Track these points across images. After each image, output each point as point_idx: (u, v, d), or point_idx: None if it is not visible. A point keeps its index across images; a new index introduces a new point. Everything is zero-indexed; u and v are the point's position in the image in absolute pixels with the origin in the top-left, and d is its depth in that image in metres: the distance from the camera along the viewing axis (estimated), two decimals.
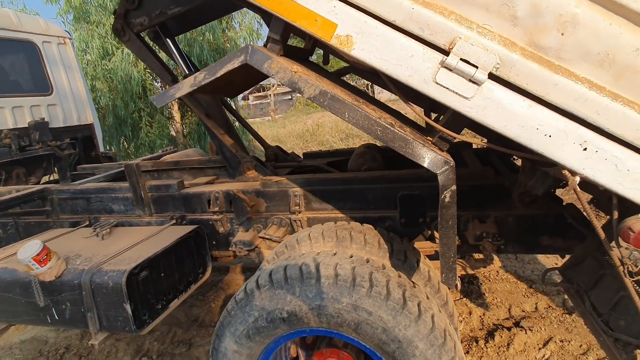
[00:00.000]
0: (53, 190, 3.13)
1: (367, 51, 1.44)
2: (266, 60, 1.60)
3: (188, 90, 1.75)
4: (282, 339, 1.76)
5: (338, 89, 1.72)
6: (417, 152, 1.48)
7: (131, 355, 3.02)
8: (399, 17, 1.39)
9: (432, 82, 1.38)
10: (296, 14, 1.51)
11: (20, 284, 2.26)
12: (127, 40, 2.92)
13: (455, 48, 1.32)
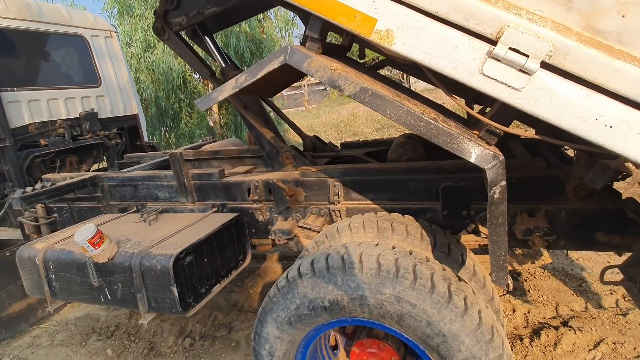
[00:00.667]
0: (103, 178, 3.31)
1: (409, 45, 1.39)
2: (305, 59, 1.60)
3: (230, 93, 1.77)
4: (323, 327, 1.78)
5: (378, 84, 1.69)
6: (463, 147, 1.43)
7: (175, 335, 3.16)
8: (442, 8, 1.33)
9: (479, 73, 1.32)
10: (335, 11, 1.48)
11: (76, 264, 2.41)
12: (167, 39, 3.03)
13: (503, 37, 1.25)
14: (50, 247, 2.54)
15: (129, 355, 3.02)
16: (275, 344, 1.84)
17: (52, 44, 4.39)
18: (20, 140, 3.79)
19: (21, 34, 3.99)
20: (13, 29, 3.90)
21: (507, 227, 1.45)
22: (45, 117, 4.07)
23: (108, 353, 3.07)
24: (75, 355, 3.11)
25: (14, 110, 3.80)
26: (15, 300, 3.48)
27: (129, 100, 5.09)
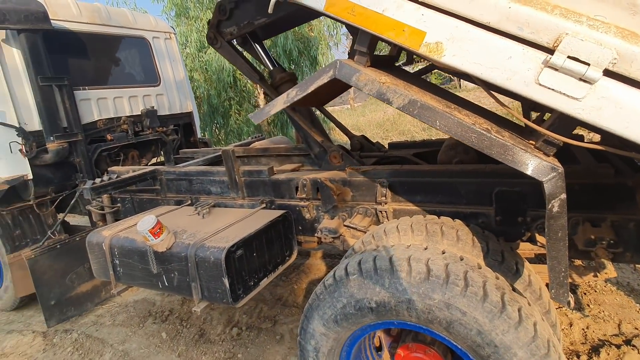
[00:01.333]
0: (162, 172, 3.53)
1: (459, 57, 1.37)
2: (354, 73, 1.61)
3: (282, 107, 1.82)
4: (369, 328, 1.79)
5: (427, 95, 1.66)
6: (518, 158, 1.38)
7: (223, 324, 3.32)
8: (494, 18, 1.29)
9: (535, 83, 1.27)
10: (383, 26, 1.48)
11: (138, 252, 2.60)
12: (219, 47, 3.21)
13: (561, 45, 1.19)
14: (116, 234, 2.76)
15: (181, 339, 3.21)
16: (321, 341, 1.88)
17: (118, 46, 4.74)
18: (90, 135, 4.14)
19: (92, 37, 4.34)
20: (85, 32, 4.26)
21: (567, 242, 1.38)
22: (111, 114, 4.41)
23: (162, 336, 3.28)
24: (134, 335, 3.36)
25: (85, 108, 4.15)
26: (83, 281, 3.81)
27: (185, 98, 5.37)
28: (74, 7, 4.21)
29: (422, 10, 1.38)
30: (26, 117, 3.68)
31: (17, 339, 3.57)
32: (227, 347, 3.04)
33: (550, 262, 1.40)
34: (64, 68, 3.99)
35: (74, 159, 3.96)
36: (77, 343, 3.35)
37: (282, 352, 2.94)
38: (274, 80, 3.23)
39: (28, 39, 3.55)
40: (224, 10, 3.04)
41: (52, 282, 3.57)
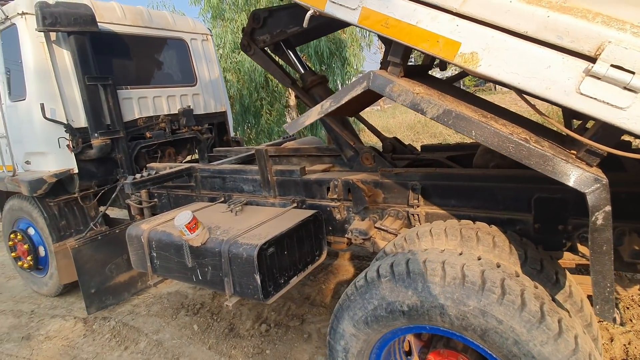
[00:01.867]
0: (197, 169, 3.64)
1: (495, 66, 1.34)
2: (388, 84, 1.61)
3: (316, 118, 1.86)
4: (400, 332, 1.77)
5: (462, 105, 1.64)
6: (559, 169, 1.34)
7: (252, 320, 3.38)
8: (532, 28, 1.26)
9: (576, 93, 1.23)
10: (417, 37, 1.47)
11: (174, 246, 2.70)
12: (252, 54, 3.33)
13: (603, 54, 1.15)
14: (154, 228, 2.88)
15: (211, 332, 3.31)
16: (351, 341, 1.89)
17: (158, 47, 4.93)
18: (131, 132, 4.33)
19: (135, 39, 4.54)
20: (128, 34, 4.46)
21: (612, 256, 1.32)
22: (151, 113, 4.59)
23: (194, 328, 3.39)
24: (167, 326, 3.49)
25: (127, 106, 4.35)
26: (121, 271, 4.00)
27: (219, 98, 5.52)
28: (119, 10, 4.42)
29: (457, 21, 1.37)
30: (73, 114, 3.90)
31: (60, 323, 3.79)
32: (256, 342, 3.10)
33: (595, 276, 1.35)
34: (108, 68, 4.20)
35: (115, 155, 4.16)
36: (115, 330, 3.52)
37: (309, 350, 2.96)
38: (305, 83, 3.28)
39: (77, 41, 3.76)
40: (258, 19, 3.14)
41: (93, 272, 3.77)
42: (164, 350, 3.16)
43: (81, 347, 3.36)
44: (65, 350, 3.35)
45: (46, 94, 3.72)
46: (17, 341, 3.59)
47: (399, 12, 1.48)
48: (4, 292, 4.74)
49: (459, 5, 1.36)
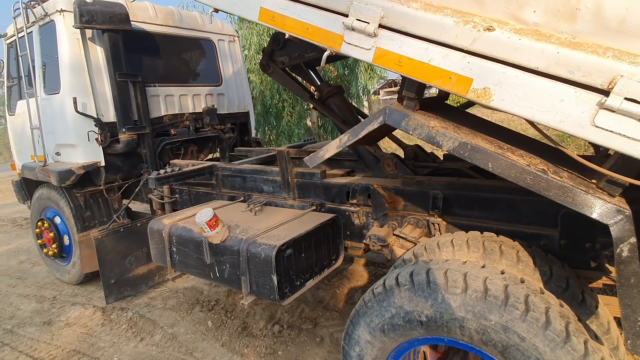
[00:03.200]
0: (219, 167, 3.70)
1: (508, 101, 1.36)
2: (403, 118, 1.65)
3: (335, 151, 1.92)
4: (417, 342, 1.75)
5: (479, 136, 1.64)
6: (579, 201, 1.33)
7: (266, 320, 3.40)
8: (543, 64, 1.27)
9: (591, 125, 1.23)
10: (430, 75, 1.48)
11: (194, 242, 2.75)
12: (272, 73, 3.40)
13: (616, 87, 1.15)
14: (175, 223, 2.94)
15: (225, 330, 3.34)
16: (366, 348, 1.87)
17: (187, 47, 5.04)
18: (156, 129, 4.43)
19: (165, 38, 4.66)
20: (159, 33, 4.57)
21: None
22: (176, 110, 4.69)
23: (208, 324, 3.43)
24: (182, 320, 3.54)
25: (154, 103, 4.46)
26: (140, 264, 4.08)
27: (242, 99, 5.59)
28: (151, 10, 4.55)
29: (468, 58, 1.39)
30: (103, 109, 4.03)
31: (79, 311, 3.90)
32: (269, 342, 3.11)
33: (624, 310, 1.31)
34: (138, 65, 4.31)
35: (141, 150, 4.26)
36: (132, 321, 3.59)
37: (321, 354, 2.95)
38: (322, 94, 3.34)
39: (110, 38, 3.88)
40: (278, 41, 3.23)
41: (113, 263, 3.87)
42: (178, 344, 3.20)
43: (99, 336, 3.44)
44: (84, 337, 3.44)
45: (79, 89, 3.86)
46: (38, 325, 3.71)
47: (412, 51, 1.52)
48: (29, 277, 4.92)
49: (469, 44, 1.38)
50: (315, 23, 1.77)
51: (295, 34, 1.86)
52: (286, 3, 1.84)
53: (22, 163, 4.71)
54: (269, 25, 1.97)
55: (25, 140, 4.54)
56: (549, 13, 1.29)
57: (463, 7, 1.44)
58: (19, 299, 4.31)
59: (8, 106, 4.96)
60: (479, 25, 1.37)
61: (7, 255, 5.81)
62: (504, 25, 1.36)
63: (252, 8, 1.99)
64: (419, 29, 1.49)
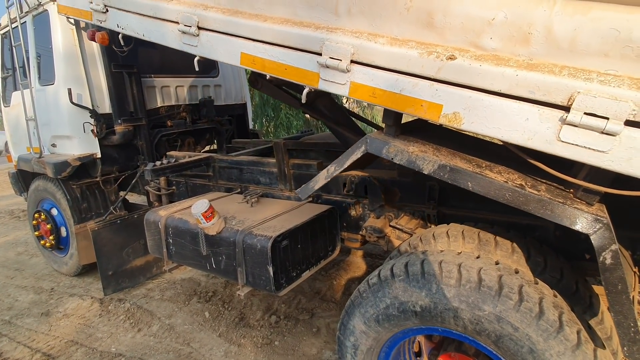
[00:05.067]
0: (215, 159, 3.68)
1: (477, 123, 1.42)
2: (384, 146, 1.71)
3: (324, 182, 2.01)
4: (411, 332, 1.76)
5: (458, 156, 1.70)
6: (557, 213, 1.37)
7: (263, 311, 3.41)
8: (504, 86, 1.31)
9: (557, 141, 1.27)
10: (402, 103, 1.55)
11: (190, 233, 2.74)
12: (260, 87, 3.29)
13: (575, 104, 1.19)
14: (171, 215, 2.93)
15: (222, 320, 3.35)
16: (360, 338, 1.88)
17: None
18: (153, 120, 4.40)
19: None
20: None
21: (630, 294, 1.29)
22: (172, 102, 4.65)
23: (206, 315, 3.44)
24: (179, 311, 3.55)
25: (150, 95, 4.42)
26: (138, 256, 4.09)
27: (240, 90, 5.55)
28: None
29: (436, 85, 1.46)
30: (99, 100, 3.99)
31: (77, 302, 3.91)
32: (265, 333, 3.13)
33: (616, 317, 1.33)
34: (133, 56, 4.26)
35: (137, 141, 4.23)
36: (129, 312, 3.60)
37: (317, 344, 2.97)
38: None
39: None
40: None
41: (111, 254, 3.87)
42: (175, 335, 3.22)
43: (97, 327, 3.46)
44: (82, 328, 3.45)
45: (74, 80, 3.82)
46: (36, 317, 3.72)
47: (383, 83, 1.59)
48: (27, 268, 4.92)
49: (435, 73, 1.45)
50: (292, 63, 1.87)
51: (275, 75, 1.96)
52: (264, 47, 1.95)
53: (18, 155, 4.68)
54: (251, 68, 2.10)
55: (21, 132, 4.51)
56: (505, 39, 1.35)
57: (426, 38, 1.52)
58: (17, 291, 4.32)
59: (3, 98, 4.91)
60: (441, 55, 1.44)
61: (5, 247, 5.81)
62: (465, 53, 1.43)
63: (234, 54, 2.12)
64: (387, 62, 1.57)
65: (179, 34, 2.37)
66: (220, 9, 2.18)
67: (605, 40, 1.18)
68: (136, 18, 2.65)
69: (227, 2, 2.16)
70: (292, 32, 1.84)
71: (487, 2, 1.35)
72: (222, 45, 2.17)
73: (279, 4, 1.93)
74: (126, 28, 2.77)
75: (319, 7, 1.78)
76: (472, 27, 1.40)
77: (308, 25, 1.83)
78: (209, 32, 2.23)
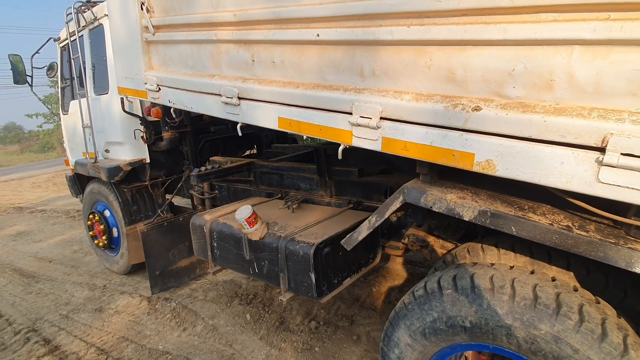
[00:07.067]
0: (257, 164, 3.77)
1: (512, 169, 1.37)
2: (421, 195, 1.72)
3: (367, 233, 2.03)
4: (460, 347, 1.71)
5: (498, 199, 1.65)
6: (610, 255, 1.28)
7: (302, 315, 3.45)
8: (534, 132, 1.30)
9: (597, 182, 1.21)
10: (434, 155, 1.57)
11: (234, 238, 2.82)
12: None
13: (609, 145, 1.15)
14: (216, 219, 3.03)
15: (263, 324, 3.42)
16: (405, 351, 1.85)
17: None
18: (197, 126, 4.57)
19: None
20: None
21: None
22: None
23: (247, 317, 3.52)
24: (222, 312, 3.66)
25: None
26: (183, 257, 4.26)
27: None
28: None
29: (465, 135, 1.46)
30: None
31: (127, 300, 4.13)
32: (305, 338, 3.15)
33: None
34: None
35: (182, 147, 4.42)
36: (175, 312, 3.76)
37: (358, 353, 2.96)
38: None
39: None
40: None
41: (158, 255, 4.05)
42: (218, 336, 3.32)
43: (145, 324, 3.63)
44: (132, 325, 3.64)
45: None
46: (91, 312, 3.97)
47: (414, 136, 1.63)
48: (82, 266, 5.27)
49: (462, 124, 1.46)
50: (326, 124, 1.98)
51: (311, 135, 2.09)
52: (299, 110, 2.08)
53: (75, 159, 5.02)
54: (288, 131, 2.22)
55: (78, 138, 4.83)
56: (528, 87, 1.35)
57: (450, 92, 1.54)
58: (73, 287, 4.63)
59: (62, 106, 5.29)
60: (467, 107, 1.45)
61: (62, 245, 6.25)
62: (490, 103, 1.42)
63: (272, 119, 2.26)
64: (415, 117, 1.61)
65: (223, 105, 2.58)
66: (257, 79, 2.36)
67: (631, 81, 1.15)
68: (184, 94, 2.92)
69: (262, 73, 2.33)
70: (323, 95, 1.96)
71: (505, 55, 1.37)
72: (261, 111, 2.34)
73: (309, 72, 2.05)
74: (177, 103, 3.04)
75: (346, 71, 1.89)
76: (494, 78, 1.41)
77: (337, 88, 1.93)
78: (248, 101, 2.40)
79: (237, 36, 2.37)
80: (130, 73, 3.34)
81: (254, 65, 2.34)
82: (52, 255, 5.81)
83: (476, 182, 1.77)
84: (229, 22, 2.39)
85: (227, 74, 2.57)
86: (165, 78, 3.02)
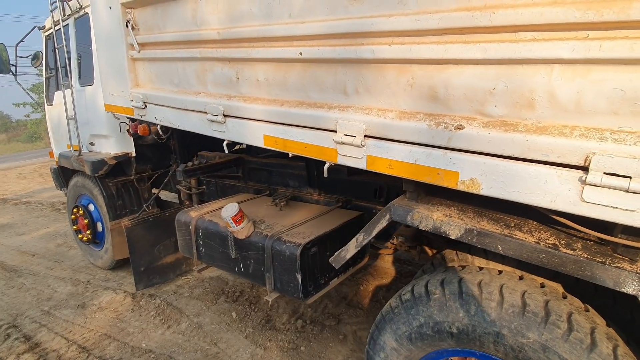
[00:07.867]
0: (246, 160, 3.69)
1: (496, 188, 1.36)
2: (408, 213, 1.69)
3: (354, 251, 2.00)
4: (446, 353, 1.67)
5: (484, 217, 1.63)
6: (598, 274, 1.25)
7: (289, 314, 3.40)
8: (517, 151, 1.29)
9: (581, 202, 1.18)
10: (419, 173, 1.57)
11: (220, 236, 2.76)
12: None
13: (592, 164, 1.13)
14: (202, 216, 2.96)
15: (249, 322, 3.36)
16: (391, 355, 1.81)
17: None
18: None
19: None
20: None
21: None
22: None
23: (233, 315, 3.47)
24: (207, 310, 3.60)
25: None
26: (168, 253, 4.18)
27: None
28: None
29: (449, 154, 1.45)
30: None
31: (111, 296, 4.04)
32: (291, 337, 3.11)
33: None
34: None
35: (170, 141, 4.31)
36: (159, 309, 3.69)
37: (344, 352, 2.92)
38: None
39: None
40: None
41: (143, 250, 3.97)
42: (203, 334, 3.26)
43: (128, 321, 3.56)
44: (115, 322, 3.56)
45: None
46: (73, 308, 3.88)
47: (398, 154, 1.62)
48: (65, 260, 5.15)
49: (446, 142, 1.45)
50: (311, 142, 1.97)
51: (296, 153, 2.09)
52: (284, 128, 2.08)
53: (59, 151, 4.88)
54: (274, 148, 2.20)
55: (62, 130, 4.70)
56: (509, 105, 1.34)
57: (433, 110, 1.54)
58: (56, 282, 4.53)
59: (47, 97, 5.14)
60: (450, 125, 1.44)
61: (46, 239, 6.11)
62: (472, 121, 1.42)
63: (258, 137, 2.26)
64: (399, 135, 1.60)
65: (209, 122, 2.56)
66: (242, 97, 2.34)
67: (612, 100, 1.13)
68: (170, 111, 2.90)
69: (246, 91, 2.31)
70: (307, 113, 1.95)
71: (485, 74, 1.36)
72: (246, 129, 2.32)
73: (293, 89, 2.05)
74: (163, 120, 3.04)
75: (329, 89, 1.88)
76: (475, 97, 1.40)
77: (321, 105, 1.92)
78: (233, 119, 2.39)
79: (221, 54, 2.36)
80: (117, 90, 3.31)
81: (239, 83, 2.34)
82: (36, 249, 5.67)
83: (464, 198, 1.75)
84: (213, 40, 2.38)
85: (213, 91, 2.56)
86: (152, 95, 3.00)
